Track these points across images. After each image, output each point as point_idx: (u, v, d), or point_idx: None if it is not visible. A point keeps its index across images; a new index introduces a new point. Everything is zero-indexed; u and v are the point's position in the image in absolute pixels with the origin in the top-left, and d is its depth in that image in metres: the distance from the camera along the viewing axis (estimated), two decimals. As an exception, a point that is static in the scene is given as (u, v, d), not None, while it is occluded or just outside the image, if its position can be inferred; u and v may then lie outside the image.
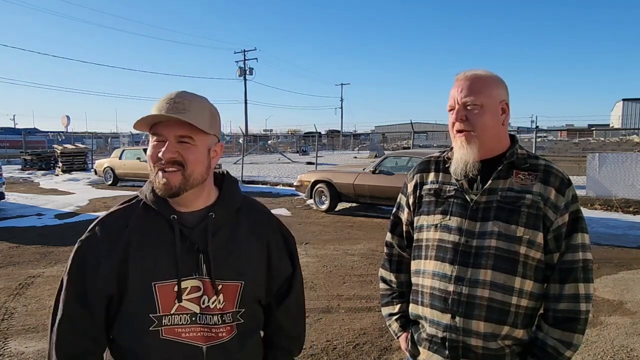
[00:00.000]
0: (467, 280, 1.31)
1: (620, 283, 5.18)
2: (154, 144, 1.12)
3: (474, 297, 1.30)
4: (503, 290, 1.29)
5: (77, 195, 12.73)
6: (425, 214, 1.44)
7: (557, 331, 1.29)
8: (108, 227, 1.15)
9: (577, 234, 1.31)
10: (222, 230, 1.17)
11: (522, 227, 1.30)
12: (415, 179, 1.51)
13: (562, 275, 1.30)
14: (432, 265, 1.39)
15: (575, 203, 1.34)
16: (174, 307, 1.11)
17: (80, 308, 1.12)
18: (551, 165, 1.37)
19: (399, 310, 1.56)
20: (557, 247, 1.31)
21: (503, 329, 1.30)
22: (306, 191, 10.07)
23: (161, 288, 1.10)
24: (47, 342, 3.63)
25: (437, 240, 1.39)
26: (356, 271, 5.63)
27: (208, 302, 1.13)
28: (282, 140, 46.71)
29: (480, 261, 1.31)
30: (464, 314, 1.31)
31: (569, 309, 1.29)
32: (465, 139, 1.35)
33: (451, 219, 1.37)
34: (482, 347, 1.31)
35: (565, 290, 1.29)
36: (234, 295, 1.16)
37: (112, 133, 41.18)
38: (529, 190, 1.32)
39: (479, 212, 1.34)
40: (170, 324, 1.11)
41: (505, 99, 1.39)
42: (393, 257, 1.60)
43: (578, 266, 1.30)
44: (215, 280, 1.13)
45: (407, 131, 31.93)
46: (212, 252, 1.13)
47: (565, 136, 66.72)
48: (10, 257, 6.28)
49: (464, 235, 1.34)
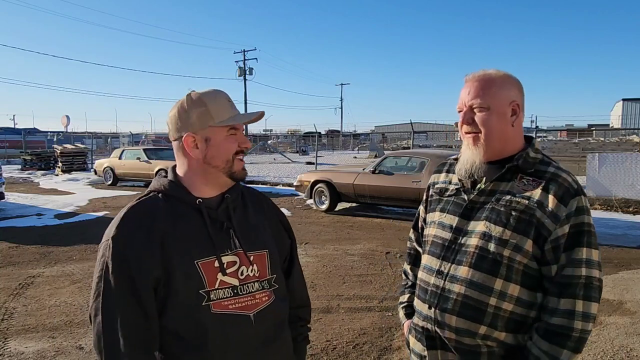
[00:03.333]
0: (446, 274, 1.35)
1: (620, 283, 5.18)
2: (230, 137, 1.24)
3: (449, 292, 1.33)
4: (480, 289, 1.29)
5: (77, 195, 12.72)
6: (431, 211, 1.51)
7: (545, 343, 1.23)
8: (137, 220, 1.18)
9: (582, 249, 1.23)
10: (237, 210, 1.31)
11: (509, 230, 1.27)
12: (431, 179, 1.59)
13: (559, 290, 1.24)
14: (425, 259, 1.46)
15: (581, 215, 1.25)
16: (217, 282, 1.20)
17: (137, 306, 1.12)
18: (559, 174, 1.30)
19: (406, 300, 1.64)
20: (555, 258, 1.25)
21: (480, 327, 1.29)
22: (306, 191, 10.06)
23: (204, 265, 1.19)
24: (47, 342, 3.65)
25: (432, 236, 1.45)
26: (356, 271, 5.63)
27: (247, 272, 1.24)
28: (282, 140, 46.72)
29: (461, 258, 1.33)
30: (439, 307, 1.35)
31: (561, 325, 1.22)
32: (472, 141, 1.36)
33: (446, 216, 1.42)
34: (455, 340, 1.33)
35: (560, 305, 1.23)
36: (264, 263, 1.29)
37: (112, 133, 41.21)
38: (528, 196, 1.29)
39: (472, 212, 1.36)
40: (216, 299, 1.19)
41: (517, 100, 1.36)
42: (411, 250, 1.69)
43: (579, 282, 1.23)
44: (247, 252, 1.25)
45: (407, 131, 31.95)
46: (238, 227, 1.26)
47: (565, 136, 66.78)
48: (10, 257, 6.28)
49: (453, 232, 1.38)
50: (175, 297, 1.16)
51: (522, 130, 1.40)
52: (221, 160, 1.24)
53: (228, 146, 1.24)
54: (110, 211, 9.85)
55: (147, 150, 15.13)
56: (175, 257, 1.15)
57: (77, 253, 6.46)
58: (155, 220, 1.18)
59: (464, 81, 1.39)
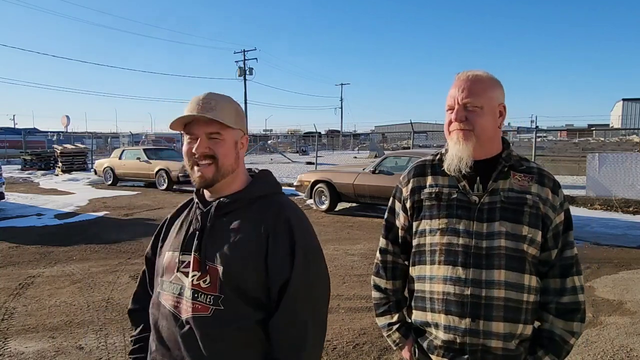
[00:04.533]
0: (484, 282, 1.32)
1: (620, 283, 5.18)
2: (188, 142, 1.26)
3: (492, 299, 1.31)
4: (516, 288, 1.33)
5: (76, 195, 12.71)
6: (428, 218, 1.42)
7: (561, 321, 1.36)
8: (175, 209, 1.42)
9: (571, 231, 1.41)
10: (227, 216, 1.26)
11: (526, 226, 1.34)
12: (412, 183, 1.48)
13: (562, 271, 1.38)
14: (442, 271, 1.36)
15: (566, 202, 1.43)
16: (172, 277, 1.26)
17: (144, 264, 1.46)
18: (542, 168, 1.45)
19: (398, 319, 1.52)
20: (555, 244, 1.37)
21: (518, 327, 1.34)
22: (306, 191, 10.07)
23: (169, 255, 1.29)
24: (47, 342, 3.65)
25: (445, 244, 1.36)
26: (356, 271, 5.63)
27: (198, 280, 1.21)
28: (282, 140, 46.68)
29: (492, 262, 1.32)
30: (485, 316, 1.31)
31: (572, 301, 1.36)
32: (462, 135, 1.36)
33: (457, 221, 1.36)
34: (502, 348, 1.33)
35: (567, 284, 1.37)
36: (216, 279, 1.20)
37: (112, 133, 41.16)
38: (528, 191, 1.37)
39: (484, 213, 1.35)
40: (165, 291, 1.26)
41: (503, 102, 1.42)
42: (387, 264, 1.55)
43: (574, 261, 1.39)
44: (206, 260, 1.22)
45: (407, 131, 31.94)
46: (207, 232, 1.24)
47: (565, 136, 66.73)
48: (10, 257, 6.28)
49: (473, 237, 1.34)
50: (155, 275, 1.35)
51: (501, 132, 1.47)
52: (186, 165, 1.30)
53: (185, 150, 1.27)
54: (110, 211, 9.81)
55: (147, 150, 15.10)
56: (161, 245, 1.36)
57: (77, 253, 6.46)
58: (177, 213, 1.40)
59: (455, 79, 1.40)
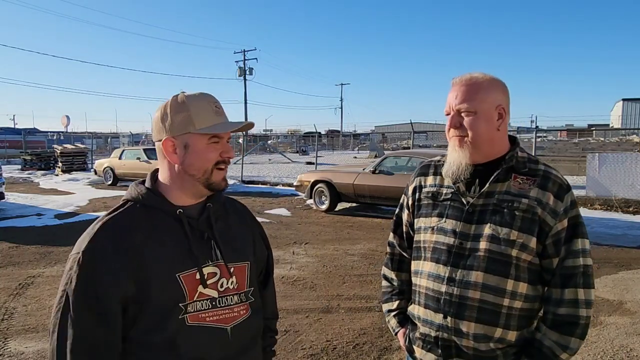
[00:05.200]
0: (459, 281, 1.33)
1: (620, 283, 5.18)
2: (211, 145, 1.18)
3: (465, 299, 1.32)
4: (495, 292, 1.31)
5: (77, 195, 12.72)
6: (424, 216, 1.47)
7: (555, 333, 1.30)
8: (113, 234, 1.12)
9: (578, 240, 1.32)
10: (220, 220, 1.27)
11: (516, 230, 1.30)
12: (416, 181, 1.54)
13: (562, 281, 1.31)
14: (427, 267, 1.42)
15: (574, 209, 1.34)
16: (196, 294, 1.16)
17: (97, 327, 1.08)
18: (550, 170, 1.37)
19: (397, 307, 1.59)
20: (556, 252, 1.31)
21: (495, 330, 1.32)
22: (306, 191, 10.07)
23: (185, 277, 1.14)
24: (46, 342, 3.64)
25: (433, 242, 1.41)
26: (356, 271, 5.63)
27: (227, 284, 1.21)
28: (282, 140, 46.69)
29: (472, 263, 1.32)
30: (455, 315, 1.33)
31: (569, 314, 1.30)
32: (457, 142, 1.37)
33: (447, 221, 1.39)
34: (473, 347, 1.33)
35: (565, 295, 1.30)
36: (244, 276, 1.27)
37: (112, 133, 41.21)
38: (526, 194, 1.33)
39: (474, 215, 1.35)
40: (193, 311, 1.15)
41: (502, 104, 1.37)
42: (394, 256, 1.64)
43: (578, 272, 1.31)
44: (227, 263, 1.22)
45: (407, 131, 31.92)
46: (220, 238, 1.23)
47: (565, 136, 66.73)
48: (10, 257, 6.28)
49: (458, 237, 1.35)
50: (150, 311, 1.12)
51: (507, 132, 1.43)
52: (198, 169, 1.18)
53: (207, 156, 1.17)
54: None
55: (147, 150, 15.11)
56: (153, 270, 1.10)
57: (77, 253, 6.46)
58: (132, 234, 1.12)
59: (451, 84, 1.40)
